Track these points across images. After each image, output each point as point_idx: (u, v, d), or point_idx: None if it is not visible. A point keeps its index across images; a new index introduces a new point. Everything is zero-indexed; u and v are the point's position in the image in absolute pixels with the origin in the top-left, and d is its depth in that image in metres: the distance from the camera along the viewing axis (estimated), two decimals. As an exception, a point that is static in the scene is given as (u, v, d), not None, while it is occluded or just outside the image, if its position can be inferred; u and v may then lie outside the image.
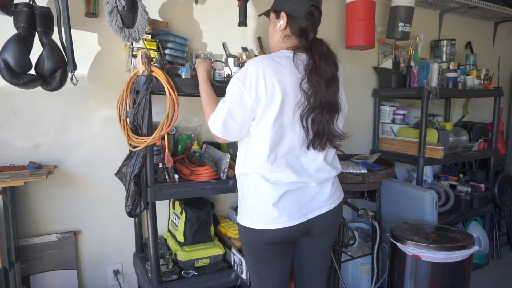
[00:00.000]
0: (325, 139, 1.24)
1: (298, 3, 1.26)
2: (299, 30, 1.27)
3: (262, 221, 1.24)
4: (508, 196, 3.08)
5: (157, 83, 1.49)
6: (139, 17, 1.54)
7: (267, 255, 1.30)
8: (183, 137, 1.94)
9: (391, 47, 2.72)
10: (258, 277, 1.36)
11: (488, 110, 3.26)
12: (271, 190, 1.23)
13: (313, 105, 1.19)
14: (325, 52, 1.22)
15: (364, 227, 2.52)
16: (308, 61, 1.21)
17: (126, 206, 1.54)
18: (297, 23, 1.27)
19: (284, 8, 1.28)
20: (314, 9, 1.27)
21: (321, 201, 1.30)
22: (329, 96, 1.20)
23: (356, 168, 2.01)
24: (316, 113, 1.20)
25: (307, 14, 1.25)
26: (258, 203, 1.25)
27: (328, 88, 1.19)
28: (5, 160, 1.68)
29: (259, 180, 1.24)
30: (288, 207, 1.24)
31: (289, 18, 1.27)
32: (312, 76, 1.18)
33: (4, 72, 1.37)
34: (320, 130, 1.22)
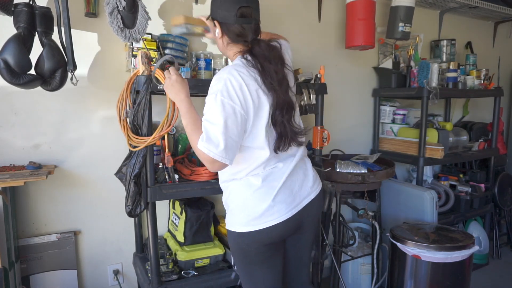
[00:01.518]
0: (289, 139, 1.24)
1: (226, 9, 1.22)
2: (236, 36, 1.24)
3: (261, 221, 1.22)
4: (508, 196, 3.08)
5: (157, 83, 1.49)
6: (140, 18, 1.54)
7: (260, 257, 1.29)
8: (183, 137, 1.94)
9: (391, 47, 2.72)
10: (250, 279, 1.34)
11: (488, 110, 3.26)
12: (267, 188, 1.23)
13: (273, 107, 1.20)
14: (265, 53, 1.21)
15: (364, 227, 2.52)
16: (256, 64, 1.20)
17: (126, 206, 1.54)
18: (231, 30, 1.24)
19: (216, 17, 1.26)
20: (244, 9, 1.22)
21: (308, 187, 1.31)
22: (283, 95, 1.20)
23: (356, 168, 2.01)
24: (276, 115, 1.20)
25: (238, 18, 1.22)
26: (253, 204, 1.23)
27: (281, 87, 1.20)
28: (5, 160, 1.68)
29: (252, 182, 1.24)
30: (283, 199, 1.24)
31: (222, 25, 1.26)
32: (265, 79, 1.18)
33: (4, 72, 1.37)
34: (283, 131, 1.22)
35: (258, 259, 1.29)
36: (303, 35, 2.36)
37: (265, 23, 2.19)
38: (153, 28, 1.80)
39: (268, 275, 1.32)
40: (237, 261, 1.36)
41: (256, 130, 1.20)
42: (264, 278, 1.32)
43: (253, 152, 1.23)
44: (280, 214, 1.23)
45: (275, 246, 1.31)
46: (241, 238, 1.26)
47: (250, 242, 1.26)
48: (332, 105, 2.48)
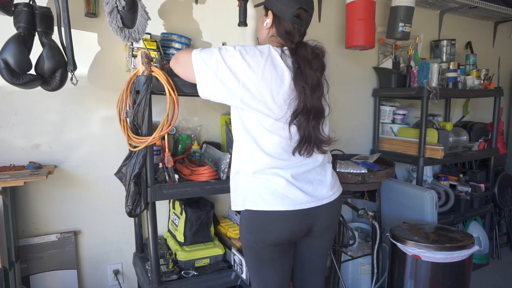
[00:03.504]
0: (312, 144, 1.23)
1: (285, 4, 1.22)
2: (285, 33, 1.25)
3: (274, 201, 1.21)
4: (508, 196, 3.08)
5: (157, 83, 1.49)
6: (139, 17, 1.54)
7: (269, 256, 1.30)
8: (183, 137, 1.94)
9: (391, 47, 2.72)
10: (260, 278, 1.35)
11: (488, 110, 3.26)
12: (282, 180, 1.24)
13: (296, 110, 1.19)
14: (309, 57, 1.20)
15: (364, 227, 2.52)
16: (294, 65, 1.19)
17: (126, 206, 1.54)
18: (282, 25, 1.25)
19: (272, 7, 1.25)
20: (302, 11, 1.23)
21: (324, 192, 1.30)
22: (314, 102, 1.19)
23: (356, 168, 2.01)
24: (300, 119, 1.20)
25: (293, 16, 1.22)
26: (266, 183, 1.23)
27: (313, 93, 1.19)
28: (5, 160, 1.68)
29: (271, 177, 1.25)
30: (293, 193, 1.24)
31: (275, 18, 1.26)
32: (297, 81, 1.18)
33: (4, 72, 1.37)
34: (307, 136, 1.21)
35: (268, 258, 1.30)
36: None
37: (265, 23, 2.20)
38: (153, 28, 1.81)
39: (276, 275, 1.33)
40: (248, 259, 1.37)
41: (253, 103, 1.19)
42: (271, 278, 1.33)
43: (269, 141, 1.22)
44: (288, 205, 1.23)
45: (285, 248, 1.31)
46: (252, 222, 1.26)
47: (260, 240, 1.26)
48: (332, 105, 2.45)
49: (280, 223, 1.24)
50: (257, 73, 1.16)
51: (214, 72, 1.18)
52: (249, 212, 1.27)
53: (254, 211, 1.25)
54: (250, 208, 1.26)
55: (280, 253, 1.31)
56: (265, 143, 1.23)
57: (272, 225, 1.24)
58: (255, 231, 1.27)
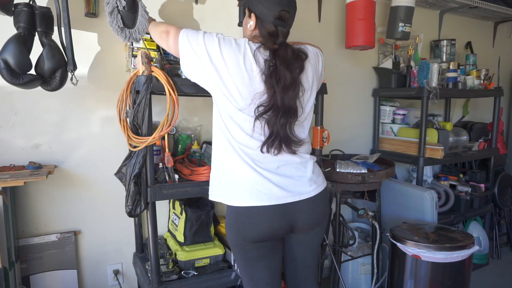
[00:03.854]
0: (280, 142, 1.23)
1: (267, 7, 1.24)
2: (267, 34, 1.27)
3: (249, 196, 1.23)
4: (508, 196, 3.08)
5: (157, 83, 1.49)
6: (140, 17, 1.54)
7: (255, 253, 1.30)
8: (183, 137, 1.94)
9: (391, 47, 2.72)
10: (249, 276, 1.36)
11: (488, 110, 3.26)
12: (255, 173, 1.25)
13: (265, 105, 1.20)
14: (288, 58, 1.22)
15: (364, 227, 2.52)
16: (269, 62, 1.21)
17: (126, 206, 1.54)
18: (265, 27, 1.27)
19: (255, 10, 1.28)
20: (284, 13, 1.25)
21: (302, 187, 1.29)
22: (286, 100, 1.20)
23: (356, 168, 2.01)
24: (270, 115, 1.20)
25: (275, 19, 1.24)
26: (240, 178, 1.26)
27: (285, 92, 1.19)
28: (5, 160, 1.68)
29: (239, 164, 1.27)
30: (272, 187, 1.24)
31: (258, 20, 1.28)
32: (269, 78, 1.19)
33: (4, 72, 1.37)
34: (275, 133, 1.22)
35: (253, 255, 1.31)
36: (303, 35, 2.36)
37: (265, 23, 2.20)
38: (153, 28, 1.80)
39: (265, 272, 1.34)
40: (235, 256, 1.39)
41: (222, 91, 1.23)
42: (260, 275, 1.34)
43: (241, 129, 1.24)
44: (263, 200, 1.23)
45: (269, 245, 1.31)
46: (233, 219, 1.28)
47: (241, 238, 1.27)
48: (332, 105, 2.48)
49: (257, 219, 1.24)
50: (227, 62, 1.21)
51: (194, 49, 1.24)
52: (230, 208, 1.29)
53: (233, 208, 1.27)
54: (229, 204, 1.28)
55: (265, 250, 1.30)
56: (233, 131, 1.25)
57: (250, 221, 1.24)
58: (236, 229, 1.28)
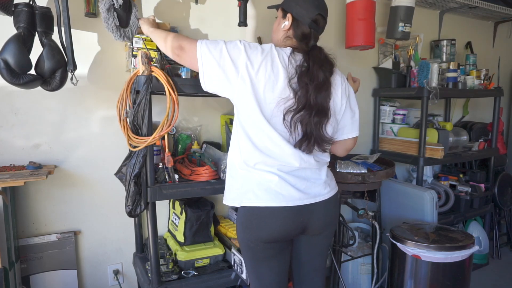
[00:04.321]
0: (313, 141, 1.24)
1: (305, 9, 1.27)
2: (301, 35, 1.29)
3: (267, 197, 1.23)
4: (508, 196, 3.08)
5: (157, 83, 1.49)
6: (132, 18, 1.56)
7: (265, 254, 1.31)
8: (183, 137, 1.94)
9: (391, 47, 2.72)
10: (256, 276, 1.36)
11: (488, 110, 3.26)
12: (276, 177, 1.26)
13: (299, 105, 1.21)
14: (321, 58, 1.24)
15: (364, 227, 2.52)
16: (302, 63, 1.22)
17: (126, 206, 1.54)
18: (300, 28, 1.28)
19: (292, 10, 1.29)
20: (320, 18, 1.29)
21: (317, 190, 1.31)
22: (319, 100, 1.21)
23: (356, 168, 2.01)
24: (303, 114, 1.21)
25: (312, 21, 1.27)
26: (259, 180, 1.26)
27: (318, 91, 1.21)
28: (5, 160, 1.68)
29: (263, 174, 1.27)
30: (286, 190, 1.25)
31: (294, 21, 1.29)
32: (302, 77, 1.20)
33: (4, 72, 1.37)
34: (308, 132, 1.23)
35: (263, 256, 1.31)
36: (303, 35, 2.36)
37: (264, 23, 2.20)
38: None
39: (273, 273, 1.34)
40: (244, 256, 1.38)
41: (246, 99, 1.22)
42: (268, 276, 1.34)
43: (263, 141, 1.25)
44: (280, 201, 1.24)
45: (280, 246, 1.32)
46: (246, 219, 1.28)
47: (254, 237, 1.27)
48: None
49: (272, 220, 1.25)
50: (255, 68, 1.19)
51: (217, 60, 1.21)
52: (244, 208, 1.29)
53: (248, 208, 1.27)
54: (244, 205, 1.28)
55: (275, 251, 1.31)
56: (256, 139, 1.25)
57: (265, 221, 1.25)
58: (249, 228, 1.28)
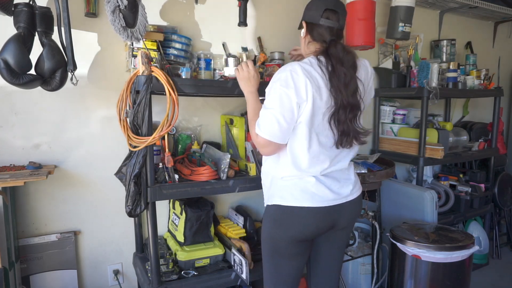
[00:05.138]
0: (351, 136, 1.29)
1: (313, 10, 1.32)
2: (317, 35, 1.33)
3: (303, 197, 1.28)
4: (508, 196, 3.08)
5: (157, 83, 1.49)
6: (140, 17, 1.54)
7: (292, 251, 1.35)
8: (183, 137, 1.94)
9: (391, 47, 2.72)
10: (276, 270, 1.39)
11: (488, 110, 3.26)
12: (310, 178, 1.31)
13: (336, 106, 1.25)
14: (340, 55, 1.25)
15: (364, 227, 2.51)
16: (327, 64, 1.25)
17: (126, 206, 1.54)
18: (315, 29, 1.33)
19: (305, 17, 1.36)
20: (329, 12, 1.30)
21: (349, 189, 1.37)
22: (349, 97, 1.24)
23: (356, 168, 2.01)
24: (340, 114, 1.25)
25: (323, 18, 1.30)
26: (296, 183, 1.31)
27: (346, 89, 1.24)
28: (5, 160, 1.68)
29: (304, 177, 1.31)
30: (322, 191, 1.30)
31: (308, 25, 1.35)
32: (332, 80, 1.23)
33: (4, 72, 1.37)
34: (346, 129, 1.27)
35: (289, 253, 1.35)
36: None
37: (264, 23, 2.20)
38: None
39: (293, 269, 1.38)
40: (266, 251, 1.40)
41: (301, 122, 1.25)
42: (289, 273, 1.38)
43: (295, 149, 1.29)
44: (316, 202, 1.29)
45: (307, 245, 1.37)
46: (279, 217, 1.32)
47: (286, 235, 1.31)
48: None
49: (306, 219, 1.30)
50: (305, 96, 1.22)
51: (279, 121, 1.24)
52: (277, 206, 1.33)
53: (282, 206, 1.31)
54: (278, 203, 1.32)
55: (302, 249, 1.37)
56: (299, 154, 1.30)
57: (299, 220, 1.30)
58: (283, 225, 1.32)
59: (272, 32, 2.23)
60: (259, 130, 1.26)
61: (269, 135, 1.24)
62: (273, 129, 1.23)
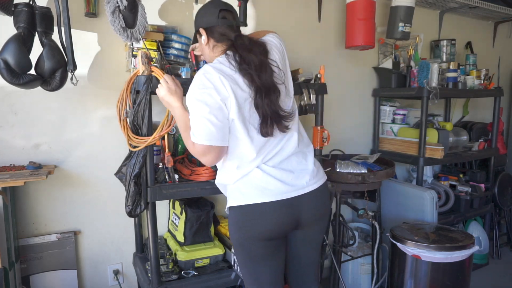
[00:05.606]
0: (271, 121, 1.25)
1: (208, 15, 1.33)
2: (219, 36, 1.33)
3: (253, 193, 1.25)
4: (508, 196, 3.08)
5: (157, 83, 1.49)
6: (139, 17, 1.55)
7: (261, 252, 1.30)
8: (183, 137, 1.93)
9: (391, 47, 2.72)
10: (253, 277, 1.35)
11: (488, 110, 3.26)
12: (258, 173, 1.28)
13: (254, 92, 1.23)
14: (246, 44, 1.27)
15: (364, 227, 2.52)
16: (235, 55, 1.26)
17: (126, 206, 1.54)
18: (215, 31, 1.33)
19: (201, 24, 1.35)
20: (225, 12, 1.32)
21: (306, 180, 1.31)
22: (263, 80, 1.23)
23: (356, 168, 2.01)
24: (257, 99, 1.24)
25: (220, 19, 1.31)
26: (249, 182, 1.28)
27: (259, 73, 1.23)
28: (5, 160, 1.68)
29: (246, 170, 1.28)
30: (273, 184, 1.26)
31: (207, 30, 1.34)
32: (242, 65, 1.24)
33: (4, 72, 1.37)
34: (264, 113, 1.24)
35: (260, 254, 1.31)
36: (303, 35, 2.36)
37: (264, 23, 2.20)
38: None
39: (270, 272, 1.34)
40: (239, 258, 1.37)
41: (235, 122, 1.23)
42: (265, 275, 1.34)
43: (239, 144, 1.27)
44: (267, 196, 1.25)
45: (276, 243, 1.32)
46: (239, 218, 1.29)
47: (249, 236, 1.27)
48: (332, 105, 2.48)
49: (264, 216, 1.25)
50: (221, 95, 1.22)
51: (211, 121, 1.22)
52: (233, 208, 1.30)
53: (237, 207, 1.28)
54: (232, 205, 1.29)
55: (271, 249, 1.31)
56: (236, 146, 1.27)
57: (256, 218, 1.26)
58: (242, 227, 1.28)
59: (272, 32, 2.23)
60: (195, 137, 1.21)
61: (206, 139, 1.20)
62: (208, 131, 1.19)
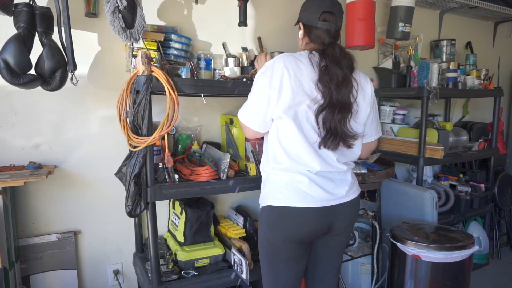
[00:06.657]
0: (338, 138, 1.26)
1: (310, 12, 1.32)
2: (315, 37, 1.33)
3: (295, 197, 1.26)
4: (508, 196, 3.08)
5: (157, 83, 1.49)
6: (138, 18, 1.55)
7: (288, 254, 1.32)
8: (183, 137, 1.94)
9: (391, 47, 2.72)
10: (273, 274, 1.37)
11: (488, 110, 3.26)
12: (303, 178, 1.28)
13: (323, 103, 1.23)
14: (337, 56, 1.25)
15: (364, 227, 2.51)
16: (320, 62, 1.25)
17: (126, 206, 1.54)
18: (312, 31, 1.33)
19: (302, 19, 1.36)
20: (327, 15, 1.30)
21: (345, 190, 1.33)
22: (340, 97, 1.23)
23: (356, 168, 2.01)
24: (327, 112, 1.23)
25: (320, 21, 1.30)
26: (287, 182, 1.29)
27: (338, 88, 1.22)
28: (5, 160, 1.68)
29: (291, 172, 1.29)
30: (315, 191, 1.27)
31: (305, 27, 1.35)
32: (323, 76, 1.22)
33: (4, 72, 1.37)
34: (333, 129, 1.24)
35: (286, 256, 1.32)
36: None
37: (264, 23, 2.20)
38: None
39: (292, 273, 1.35)
40: (263, 255, 1.38)
41: (282, 114, 1.24)
42: (286, 274, 1.35)
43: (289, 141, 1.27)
44: (309, 202, 1.26)
45: (304, 247, 1.34)
46: (272, 219, 1.30)
47: (281, 237, 1.29)
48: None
49: (300, 220, 1.27)
50: (277, 87, 1.23)
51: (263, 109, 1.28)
52: (270, 207, 1.30)
53: (275, 207, 1.29)
54: (271, 204, 1.30)
55: (299, 252, 1.33)
56: (286, 144, 1.28)
57: (292, 221, 1.27)
58: (276, 227, 1.29)
59: (272, 32, 2.23)
60: (239, 111, 1.34)
61: (244, 119, 1.32)
62: (247, 113, 1.31)
